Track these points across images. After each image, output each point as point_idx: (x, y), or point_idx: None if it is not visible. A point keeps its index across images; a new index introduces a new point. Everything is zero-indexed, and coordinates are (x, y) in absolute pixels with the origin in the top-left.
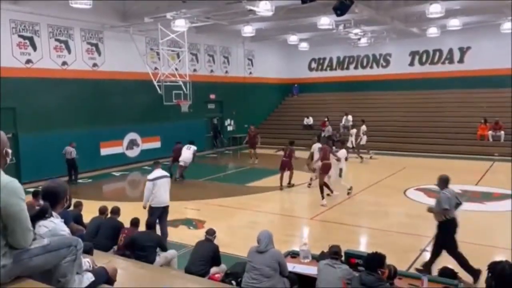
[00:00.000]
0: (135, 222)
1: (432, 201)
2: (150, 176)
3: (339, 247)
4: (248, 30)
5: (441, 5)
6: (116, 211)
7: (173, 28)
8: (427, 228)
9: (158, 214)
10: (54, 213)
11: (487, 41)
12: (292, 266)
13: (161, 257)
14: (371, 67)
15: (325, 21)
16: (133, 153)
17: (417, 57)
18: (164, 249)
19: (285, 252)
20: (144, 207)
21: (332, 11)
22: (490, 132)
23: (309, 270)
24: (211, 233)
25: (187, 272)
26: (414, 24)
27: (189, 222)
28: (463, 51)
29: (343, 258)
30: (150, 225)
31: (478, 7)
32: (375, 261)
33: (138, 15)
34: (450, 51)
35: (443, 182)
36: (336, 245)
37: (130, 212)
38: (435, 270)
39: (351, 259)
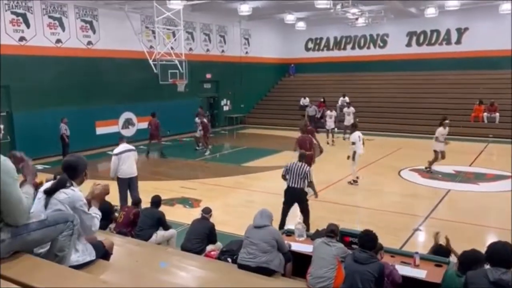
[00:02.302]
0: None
1: (425, 182)
2: (115, 151)
3: (336, 226)
4: (245, 8)
5: None
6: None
7: (169, 6)
8: (420, 208)
9: (125, 184)
10: (74, 183)
11: (485, 22)
12: (287, 244)
13: (158, 235)
14: (368, 47)
15: (323, 0)
16: (128, 132)
17: (414, 38)
18: (166, 227)
19: (281, 230)
20: (113, 179)
21: None
22: (485, 114)
23: (304, 248)
24: (207, 211)
25: (183, 249)
26: (412, 4)
27: (185, 201)
28: (460, 32)
29: (338, 237)
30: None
31: None
32: (368, 239)
33: None
34: (448, 32)
35: None
36: (334, 224)
37: None
38: (428, 248)
39: (345, 237)
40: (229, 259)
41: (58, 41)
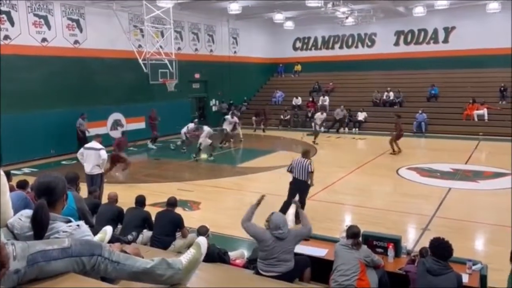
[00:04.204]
0: (169, 203)
1: (425, 180)
2: (85, 145)
3: (357, 227)
4: (234, 7)
5: None
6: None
7: (158, 4)
8: (424, 207)
9: (88, 180)
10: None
11: (472, 21)
12: (302, 249)
13: (176, 244)
14: (356, 46)
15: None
16: (117, 133)
17: (402, 37)
18: (151, 227)
19: None
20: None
21: None
22: (475, 112)
23: (318, 252)
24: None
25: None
26: (402, 3)
27: (184, 204)
28: (448, 31)
29: (360, 239)
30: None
31: None
32: (443, 248)
33: None
34: (435, 31)
35: None
36: (355, 226)
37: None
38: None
39: (370, 240)
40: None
41: (44, 40)
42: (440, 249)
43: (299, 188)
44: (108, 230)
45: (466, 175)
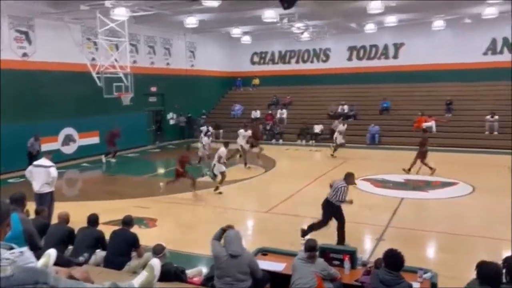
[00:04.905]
0: (124, 222)
1: (379, 191)
2: (34, 163)
3: (314, 241)
4: (191, 21)
5: (381, 2)
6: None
7: (112, 17)
8: (379, 217)
9: (37, 199)
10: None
11: (419, 38)
12: (261, 264)
13: (131, 265)
14: (312, 61)
15: (270, 14)
16: (69, 149)
17: (355, 52)
18: (105, 247)
19: (255, 250)
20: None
21: (277, 4)
22: (424, 124)
23: (276, 266)
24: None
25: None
26: (354, 20)
27: (140, 221)
28: (397, 47)
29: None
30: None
31: (412, 5)
32: (396, 259)
33: (73, 2)
34: (386, 47)
35: None
36: (313, 239)
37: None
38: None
39: (327, 253)
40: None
41: None
42: (392, 260)
43: (330, 210)
44: (52, 253)
45: (419, 185)
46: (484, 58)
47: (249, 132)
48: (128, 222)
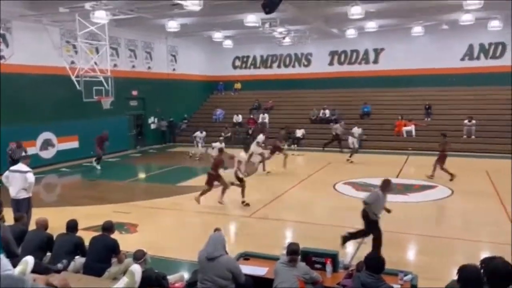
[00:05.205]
0: (104, 227)
1: (360, 194)
2: (11, 168)
3: (297, 245)
4: (172, 25)
5: (361, 7)
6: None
7: (92, 20)
8: (360, 221)
9: (14, 205)
10: None
11: (399, 43)
12: (243, 268)
13: (76, 263)
14: (294, 66)
15: (252, 19)
16: (48, 154)
17: (336, 57)
18: (84, 253)
19: (237, 254)
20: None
21: (258, 9)
22: (404, 128)
23: (259, 271)
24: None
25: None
26: (335, 25)
27: (120, 227)
28: (377, 52)
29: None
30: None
31: (392, 11)
32: (376, 262)
33: (52, 4)
34: (366, 52)
35: None
36: (294, 243)
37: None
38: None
39: (308, 257)
40: None
41: None
42: (373, 263)
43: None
44: (29, 260)
45: (398, 189)
46: (462, 63)
47: (262, 137)
48: (108, 227)
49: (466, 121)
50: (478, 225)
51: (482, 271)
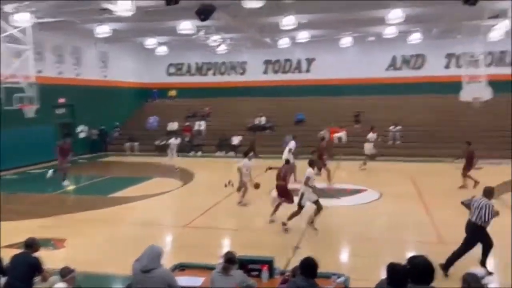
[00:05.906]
0: (26, 244)
1: (295, 200)
2: None
3: (232, 253)
4: (102, 30)
5: (295, 17)
6: None
7: (13, 23)
8: (295, 226)
9: None
10: None
11: (329, 54)
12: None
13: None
14: (229, 74)
15: (187, 26)
16: None
17: (270, 66)
18: (4, 273)
19: (172, 266)
20: None
21: (193, 16)
22: (335, 135)
23: (194, 281)
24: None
25: None
26: (268, 35)
27: (46, 242)
28: (309, 61)
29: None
30: None
31: (322, 22)
32: (310, 266)
33: None
34: (299, 61)
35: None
36: (230, 251)
37: None
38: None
39: (246, 264)
40: None
41: None
42: (307, 267)
43: (474, 234)
44: None
45: (331, 193)
46: (387, 73)
47: (294, 144)
48: (30, 244)
49: (391, 127)
50: (404, 226)
51: (408, 268)
